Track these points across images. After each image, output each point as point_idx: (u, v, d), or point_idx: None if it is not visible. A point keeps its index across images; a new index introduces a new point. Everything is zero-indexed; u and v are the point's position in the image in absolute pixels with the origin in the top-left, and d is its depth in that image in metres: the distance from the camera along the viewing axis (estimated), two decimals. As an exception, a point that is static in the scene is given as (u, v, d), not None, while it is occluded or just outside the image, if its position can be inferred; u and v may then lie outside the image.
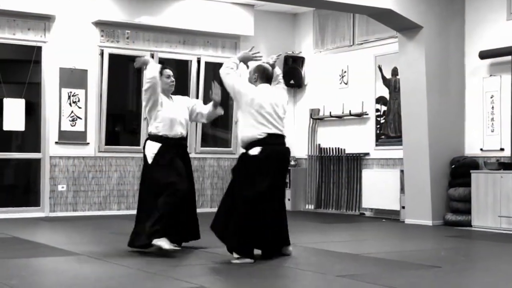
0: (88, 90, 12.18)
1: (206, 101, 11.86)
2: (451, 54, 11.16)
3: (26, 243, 8.29)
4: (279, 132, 7.07)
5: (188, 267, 6.51)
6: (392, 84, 12.18)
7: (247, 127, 7.00)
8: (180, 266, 6.53)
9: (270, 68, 7.30)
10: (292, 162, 13.56)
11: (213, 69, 13.05)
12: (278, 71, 7.50)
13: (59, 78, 11.98)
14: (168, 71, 7.60)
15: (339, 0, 10.21)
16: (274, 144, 6.99)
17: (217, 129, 13.96)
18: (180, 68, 12.93)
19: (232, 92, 7.12)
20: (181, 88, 11.12)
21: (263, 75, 7.22)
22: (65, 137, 11.99)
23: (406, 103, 11.20)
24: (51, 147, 11.93)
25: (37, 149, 12.02)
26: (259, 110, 6.97)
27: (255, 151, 6.91)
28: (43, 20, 11.89)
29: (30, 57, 11.88)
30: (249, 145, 6.97)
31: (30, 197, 12.26)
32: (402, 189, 11.54)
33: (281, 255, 7.10)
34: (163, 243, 6.98)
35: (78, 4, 12.18)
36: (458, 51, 11.21)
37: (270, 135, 6.96)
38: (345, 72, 13.16)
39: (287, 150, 7.23)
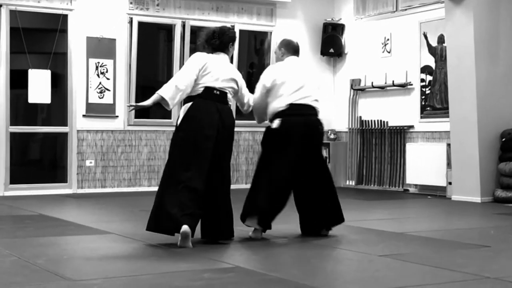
0: (116, 60, 11.91)
1: (240, 69, 11.30)
2: (502, 19, 10.76)
3: (53, 220, 8.19)
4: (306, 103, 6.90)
5: (223, 247, 6.31)
6: (438, 52, 11.83)
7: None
8: (214, 245, 6.32)
9: (294, 40, 7.16)
10: (332, 136, 13.50)
11: (248, 38, 12.71)
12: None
13: (86, 47, 11.70)
14: None
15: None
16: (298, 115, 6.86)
17: (253, 101, 13.67)
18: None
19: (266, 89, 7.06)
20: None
21: (289, 48, 7.07)
22: (93, 110, 11.73)
23: (453, 73, 10.81)
24: (78, 121, 11.67)
25: (64, 122, 11.78)
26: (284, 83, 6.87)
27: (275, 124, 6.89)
28: (69, -13, 11.66)
29: (56, 26, 11.60)
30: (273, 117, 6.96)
31: (57, 173, 12.08)
32: (448, 164, 11.21)
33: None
34: None
35: (106, -31, 11.92)
36: (509, 16, 10.82)
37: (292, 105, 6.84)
38: (388, 40, 12.81)
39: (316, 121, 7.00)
